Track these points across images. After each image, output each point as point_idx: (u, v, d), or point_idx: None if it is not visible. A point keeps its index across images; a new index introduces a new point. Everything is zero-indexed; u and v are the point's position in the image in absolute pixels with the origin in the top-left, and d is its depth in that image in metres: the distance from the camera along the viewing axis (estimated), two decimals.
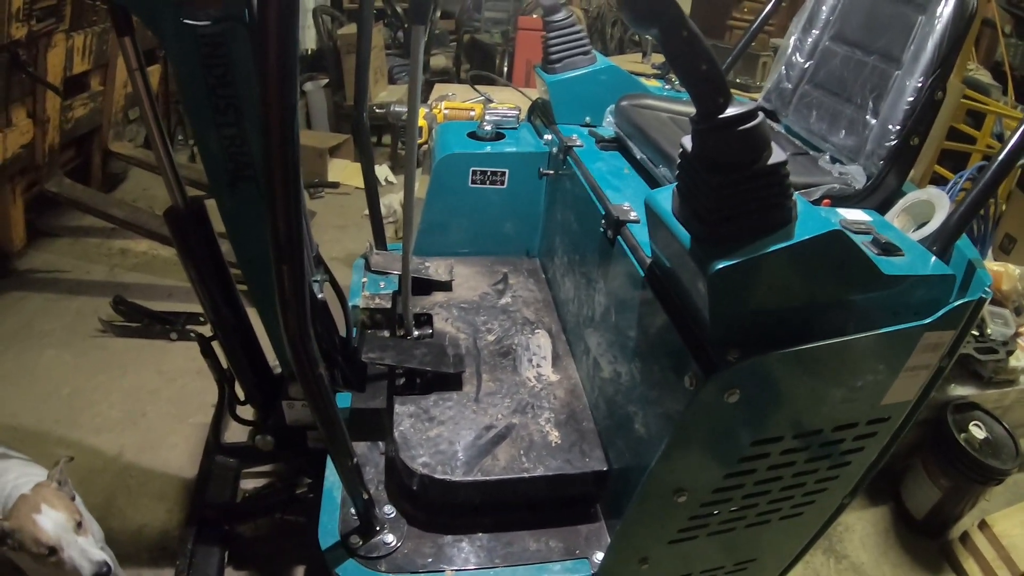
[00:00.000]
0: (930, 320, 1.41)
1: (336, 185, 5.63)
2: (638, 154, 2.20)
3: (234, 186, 1.61)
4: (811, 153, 2.17)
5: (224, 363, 2.18)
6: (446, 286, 2.59)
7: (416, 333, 2.31)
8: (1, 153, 3.50)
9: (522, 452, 1.89)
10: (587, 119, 2.62)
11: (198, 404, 3.23)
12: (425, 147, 3.11)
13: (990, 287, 1.49)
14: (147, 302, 3.71)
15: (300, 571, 2.52)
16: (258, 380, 2.16)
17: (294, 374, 1.32)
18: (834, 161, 2.07)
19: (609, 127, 2.48)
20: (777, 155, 1.18)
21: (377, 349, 2.09)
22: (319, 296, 1.87)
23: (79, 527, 1.88)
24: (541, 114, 2.80)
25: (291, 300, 1.16)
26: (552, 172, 2.55)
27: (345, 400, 2.06)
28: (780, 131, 2.34)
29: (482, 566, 1.73)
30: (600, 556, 1.75)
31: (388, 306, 2.35)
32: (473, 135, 2.68)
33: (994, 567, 2.72)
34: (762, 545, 1.88)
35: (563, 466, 1.86)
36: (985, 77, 5.77)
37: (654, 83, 2.76)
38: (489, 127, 2.66)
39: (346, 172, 5.79)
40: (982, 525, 2.83)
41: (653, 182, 2.09)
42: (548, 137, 2.62)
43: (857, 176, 1.94)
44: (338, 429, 1.45)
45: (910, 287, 1.42)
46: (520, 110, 2.86)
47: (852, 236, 1.29)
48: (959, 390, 3.07)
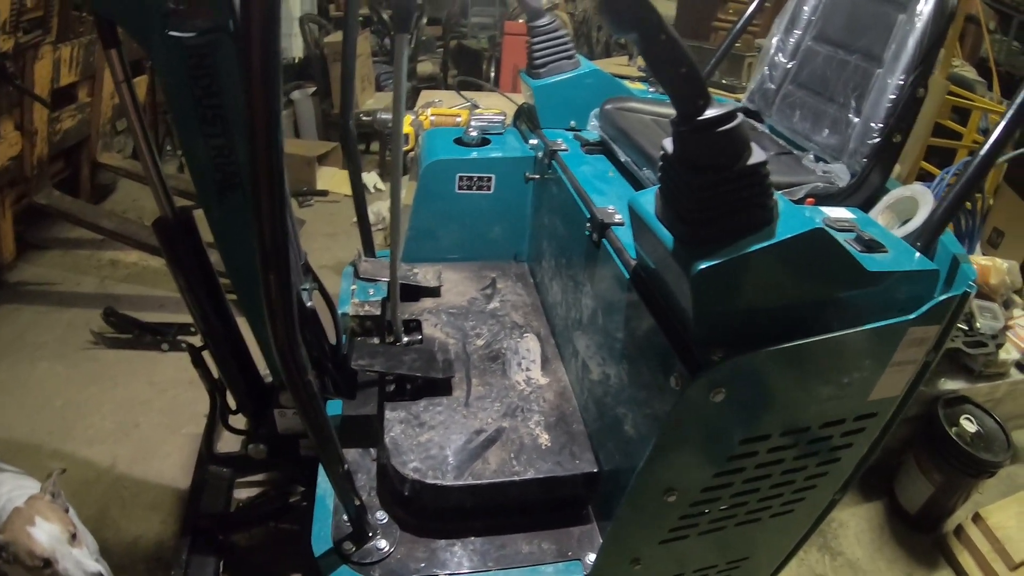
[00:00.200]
0: (915, 315, 1.42)
1: (325, 193, 5.63)
2: (622, 157, 2.21)
3: (222, 196, 1.61)
4: (795, 152, 2.18)
5: (215, 373, 2.18)
6: (435, 292, 2.59)
7: (405, 339, 2.31)
8: None
9: (512, 455, 1.89)
10: (572, 123, 2.63)
11: (190, 414, 3.22)
12: (412, 154, 3.12)
13: (974, 281, 1.50)
14: (138, 313, 3.70)
15: None
16: (249, 389, 2.16)
17: (284, 382, 1.33)
18: (818, 160, 2.08)
19: (594, 131, 2.50)
20: (757, 155, 1.19)
21: (367, 356, 2.09)
22: (308, 304, 1.87)
23: (74, 539, 1.87)
24: (527, 119, 2.81)
25: (278, 308, 1.17)
26: (538, 176, 2.56)
27: (336, 407, 2.06)
28: (764, 131, 2.35)
29: (475, 570, 1.73)
30: (592, 557, 1.76)
31: (377, 313, 2.35)
32: (459, 141, 2.69)
33: (989, 559, 2.74)
34: (754, 543, 1.89)
35: (554, 468, 1.87)
36: (970, 73, 5.80)
37: (639, 86, 2.78)
38: (475, 133, 2.67)
39: (335, 180, 5.77)
40: (976, 518, 2.85)
41: (638, 185, 2.09)
42: (534, 142, 2.63)
43: (841, 174, 1.96)
44: (328, 436, 1.45)
45: (894, 283, 1.43)
46: (506, 115, 2.87)
47: (835, 234, 1.30)
48: (949, 384, 3.09)
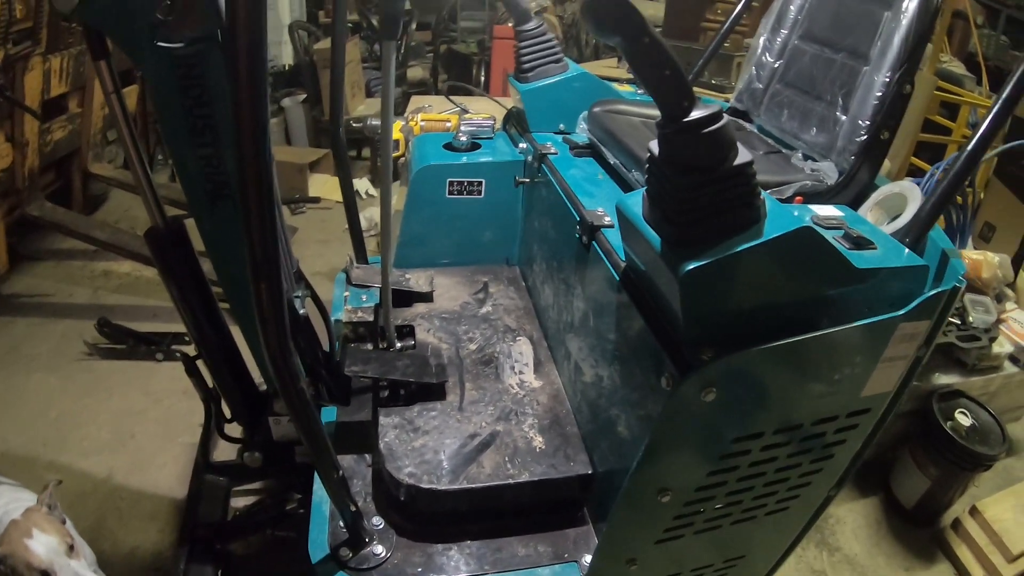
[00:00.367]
0: (905, 311, 1.43)
1: (317, 200, 5.64)
2: (611, 159, 2.21)
3: (213, 205, 1.62)
4: (784, 151, 2.19)
5: (209, 382, 2.18)
6: (427, 297, 2.59)
7: (399, 345, 2.31)
8: None
9: (507, 459, 1.89)
10: (561, 126, 2.64)
11: (186, 424, 3.22)
12: (402, 160, 3.12)
13: (964, 276, 1.51)
14: (132, 323, 3.71)
15: None
16: (244, 397, 2.16)
17: (277, 390, 1.33)
18: (806, 158, 2.09)
19: (583, 133, 2.50)
20: (743, 155, 1.20)
21: (360, 362, 2.09)
22: (301, 311, 1.87)
23: (71, 550, 1.87)
24: (516, 123, 2.81)
25: (270, 316, 1.17)
26: (528, 180, 2.56)
27: (330, 414, 2.07)
28: (753, 131, 2.36)
29: (472, 573, 1.74)
30: (588, 559, 1.76)
31: (370, 319, 2.36)
32: (449, 146, 2.69)
33: (987, 552, 2.75)
34: (751, 541, 1.90)
35: (548, 471, 1.87)
36: (959, 68, 5.83)
37: (627, 88, 2.78)
38: (465, 138, 2.68)
39: (327, 187, 5.78)
40: (973, 511, 2.86)
41: (627, 187, 2.10)
42: (523, 145, 2.63)
43: (829, 172, 1.96)
44: (323, 443, 1.45)
45: (884, 280, 1.43)
46: (495, 120, 2.88)
47: (823, 232, 1.30)
48: (943, 379, 3.10)
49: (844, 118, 2.00)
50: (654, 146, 1.25)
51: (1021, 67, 1.49)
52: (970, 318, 3.10)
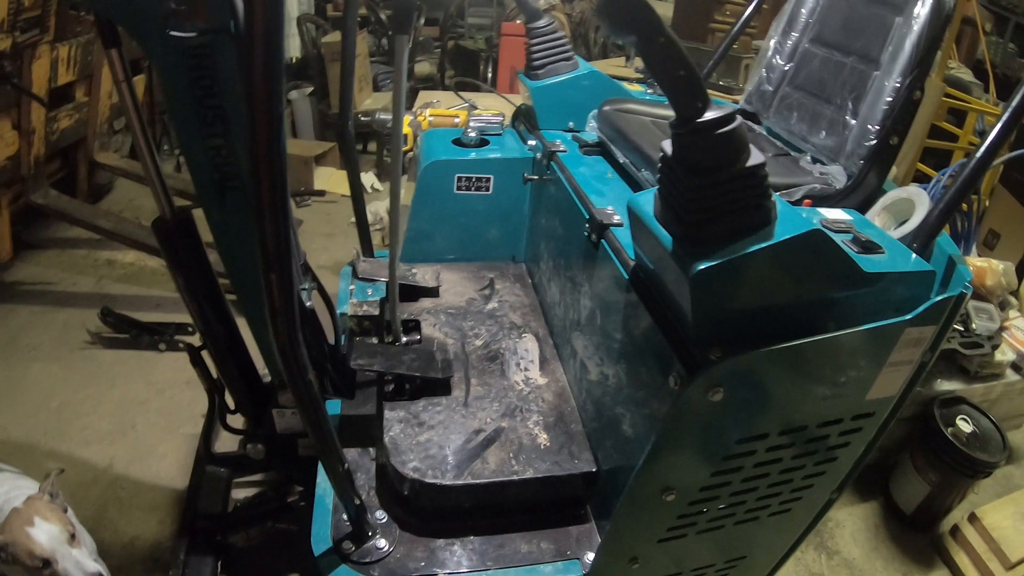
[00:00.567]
0: (911, 316, 1.43)
1: (322, 193, 5.63)
2: (621, 158, 2.21)
3: (221, 196, 1.62)
4: (792, 154, 2.19)
5: (214, 372, 2.18)
6: (433, 292, 2.59)
7: (404, 339, 2.31)
8: None
9: (511, 455, 1.90)
10: (570, 124, 2.64)
11: (188, 415, 3.23)
12: (410, 154, 3.12)
13: (970, 282, 1.51)
14: (135, 313, 3.71)
15: None
16: (248, 389, 2.16)
17: (284, 382, 1.33)
18: (815, 161, 2.09)
19: (592, 132, 2.50)
20: (755, 157, 1.20)
21: (366, 356, 2.09)
22: (307, 304, 1.87)
23: (73, 539, 1.88)
24: (525, 120, 2.81)
25: (280, 308, 1.16)
26: (536, 177, 2.56)
27: (335, 407, 2.07)
28: (761, 132, 2.36)
29: (474, 569, 1.73)
30: (591, 556, 1.76)
31: (376, 313, 2.36)
32: (458, 142, 2.70)
33: (985, 559, 2.75)
34: (752, 542, 1.90)
35: (552, 468, 1.87)
36: (966, 75, 5.82)
37: (636, 87, 2.78)
38: (474, 134, 2.68)
39: (332, 180, 5.78)
40: (972, 518, 2.86)
41: (636, 186, 2.10)
42: (532, 143, 2.63)
43: (838, 176, 1.96)
44: (329, 436, 1.45)
45: (891, 284, 1.44)
46: (504, 116, 2.87)
47: (832, 235, 1.31)
48: (945, 385, 3.10)
49: (854, 122, 2.00)
50: (667, 146, 1.25)
51: None
52: (973, 325, 3.10)
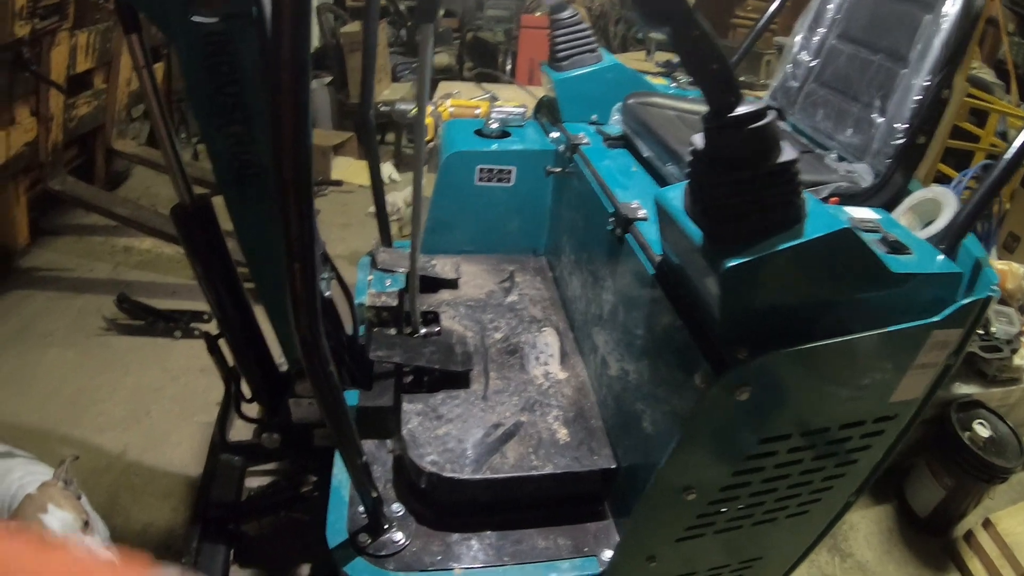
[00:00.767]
0: (938, 318, 1.41)
1: (340, 183, 5.63)
2: (645, 152, 2.20)
3: (241, 184, 1.61)
4: (817, 151, 2.17)
5: (230, 361, 2.18)
6: (453, 284, 2.59)
7: (423, 331, 2.31)
8: (5, 151, 3.51)
9: (530, 450, 1.89)
10: (594, 117, 2.61)
11: (202, 402, 3.23)
12: (431, 145, 3.11)
13: (996, 285, 1.49)
14: (151, 300, 3.71)
15: (305, 570, 2.52)
16: (264, 378, 2.16)
17: (301, 372, 1.32)
18: (841, 159, 2.07)
19: (616, 125, 2.49)
20: (788, 153, 1.19)
21: (385, 347, 2.08)
22: (326, 294, 1.87)
23: (86, 526, 1.87)
24: (548, 112, 2.80)
25: (302, 298, 1.16)
26: (559, 170, 2.54)
27: (352, 398, 2.06)
28: (787, 129, 2.34)
29: (490, 564, 1.73)
30: (608, 554, 1.75)
31: (395, 304, 2.35)
32: (479, 133, 2.68)
33: (998, 565, 2.73)
34: (768, 543, 1.88)
35: (571, 464, 1.86)
36: (988, 75, 5.77)
37: (660, 81, 2.76)
38: (496, 125, 2.67)
39: (349, 170, 5.78)
40: (986, 524, 2.84)
41: (661, 180, 2.09)
42: (555, 135, 2.61)
43: (864, 174, 1.94)
44: (347, 427, 1.44)
45: (918, 285, 1.42)
46: (526, 108, 2.86)
47: (861, 235, 1.29)
48: (963, 388, 3.07)
49: (881, 120, 1.97)
50: (699, 140, 1.24)
51: None
52: (993, 328, 3.08)
